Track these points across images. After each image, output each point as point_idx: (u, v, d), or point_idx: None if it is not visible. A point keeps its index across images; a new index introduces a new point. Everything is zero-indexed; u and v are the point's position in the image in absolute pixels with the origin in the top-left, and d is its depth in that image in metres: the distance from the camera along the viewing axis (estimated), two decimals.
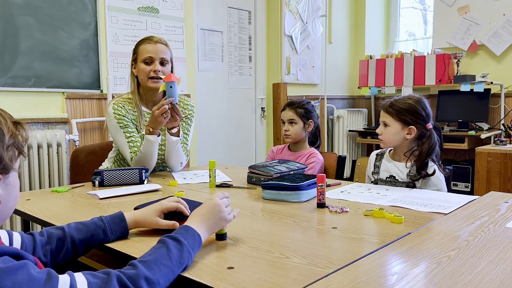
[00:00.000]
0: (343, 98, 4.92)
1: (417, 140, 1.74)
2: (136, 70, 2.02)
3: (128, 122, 2.00)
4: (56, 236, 1.00)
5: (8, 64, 2.47)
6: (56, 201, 1.56)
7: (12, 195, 0.83)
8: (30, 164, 2.50)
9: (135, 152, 1.96)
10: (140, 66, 1.99)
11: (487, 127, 3.93)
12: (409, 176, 1.72)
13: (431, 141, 1.70)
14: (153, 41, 2.00)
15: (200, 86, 3.60)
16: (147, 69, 1.97)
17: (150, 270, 0.80)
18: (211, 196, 1.08)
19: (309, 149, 2.21)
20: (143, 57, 1.98)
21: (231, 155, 3.92)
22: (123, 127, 1.98)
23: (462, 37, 4.10)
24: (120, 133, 1.98)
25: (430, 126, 1.72)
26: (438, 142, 1.74)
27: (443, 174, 1.70)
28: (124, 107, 2.00)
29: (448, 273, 0.85)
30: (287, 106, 2.23)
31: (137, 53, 2.01)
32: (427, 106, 1.74)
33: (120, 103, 2.01)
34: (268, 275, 0.86)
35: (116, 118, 1.98)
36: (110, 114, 2.00)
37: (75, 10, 2.73)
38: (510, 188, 2.95)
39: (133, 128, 2.01)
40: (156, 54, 1.98)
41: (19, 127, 0.82)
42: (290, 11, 4.11)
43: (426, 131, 1.72)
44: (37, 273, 0.70)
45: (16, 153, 0.81)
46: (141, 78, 2.01)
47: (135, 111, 2.03)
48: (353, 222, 1.24)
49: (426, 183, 1.70)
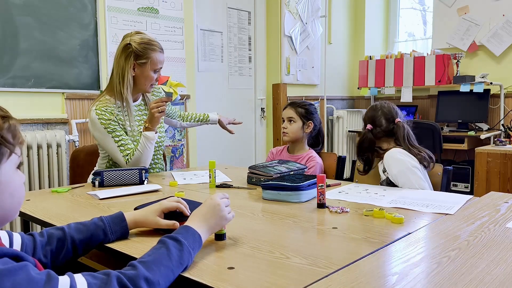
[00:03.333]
0: (343, 99, 4.92)
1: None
2: (139, 73, 1.97)
3: (115, 125, 1.95)
4: (56, 236, 1.00)
5: (7, 64, 2.47)
6: (56, 202, 1.55)
7: (4, 194, 0.79)
8: (30, 164, 2.50)
9: (128, 155, 1.94)
10: (148, 73, 1.97)
11: (487, 128, 3.93)
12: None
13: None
14: (162, 50, 2.01)
15: (199, 87, 3.60)
16: (154, 77, 2.00)
17: (150, 270, 0.80)
18: (211, 196, 1.07)
19: (308, 151, 2.20)
20: (156, 67, 1.98)
21: (231, 155, 3.92)
22: (110, 131, 1.93)
23: (462, 37, 4.11)
24: (108, 139, 1.93)
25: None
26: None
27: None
28: (106, 110, 1.94)
29: (448, 273, 0.85)
30: (289, 105, 2.24)
31: (149, 59, 1.95)
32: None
33: (102, 107, 1.94)
34: (268, 275, 0.86)
35: (102, 124, 1.92)
36: (94, 121, 1.93)
37: (75, 11, 2.73)
38: (510, 188, 2.95)
39: (121, 131, 1.96)
40: (162, 65, 2.03)
41: (5, 121, 0.78)
42: (289, 12, 4.11)
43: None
44: (37, 274, 0.70)
45: (4, 149, 0.77)
46: (143, 83, 1.99)
47: (118, 108, 1.96)
48: (353, 222, 1.24)
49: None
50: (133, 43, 1.94)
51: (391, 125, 1.86)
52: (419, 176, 1.73)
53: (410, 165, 1.74)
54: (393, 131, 1.85)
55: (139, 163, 1.95)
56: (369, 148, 1.87)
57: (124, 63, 1.95)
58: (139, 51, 1.94)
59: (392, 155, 1.78)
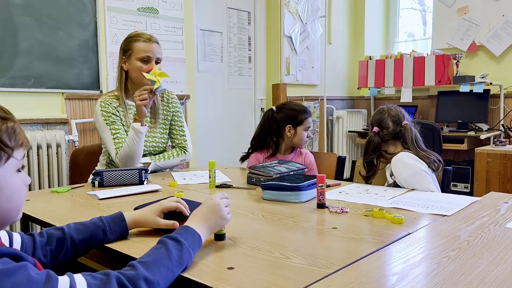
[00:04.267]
0: (343, 99, 4.92)
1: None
2: (128, 66, 2.02)
3: (115, 119, 2.00)
4: (56, 236, 1.00)
5: (7, 64, 2.47)
6: (56, 202, 1.55)
7: (2, 197, 0.79)
8: (30, 164, 2.50)
9: (119, 148, 1.95)
10: (135, 63, 2.00)
11: (487, 128, 3.93)
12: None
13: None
14: (149, 40, 2.01)
15: (199, 87, 3.60)
16: (144, 67, 1.99)
17: (149, 270, 0.80)
18: (211, 196, 1.07)
19: (294, 149, 2.21)
20: (140, 56, 1.99)
21: (230, 155, 3.91)
22: (109, 124, 1.98)
23: (462, 37, 4.11)
24: (106, 130, 1.98)
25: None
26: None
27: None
28: (111, 104, 2.01)
29: (448, 273, 0.85)
30: (308, 113, 2.21)
31: (132, 50, 2.00)
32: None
33: (107, 100, 2.01)
34: (268, 276, 0.86)
35: (103, 115, 1.98)
36: (97, 112, 2.00)
37: (75, 11, 2.73)
38: (509, 188, 2.95)
39: (120, 126, 2.00)
40: (153, 54, 2.01)
41: (4, 122, 0.77)
42: (289, 12, 4.11)
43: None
44: (37, 274, 0.70)
45: (1, 153, 0.76)
46: (135, 76, 2.01)
47: (122, 107, 2.03)
48: (353, 223, 1.24)
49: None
50: (123, 41, 2.05)
51: (398, 127, 1.83)
52: (429, 180, 1.70)
53: (419, 169, 1.71)
54: (400, 134, 1.82)
55: (128, 157, 1.93)
56: (374, 151, 1.83)
57: (118, 61, 2.06)
58: (125, 45, 2.04)
59: (400, 159, 1.75)
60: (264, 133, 2.16)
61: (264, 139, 2.16)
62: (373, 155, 1.84)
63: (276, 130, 2.15)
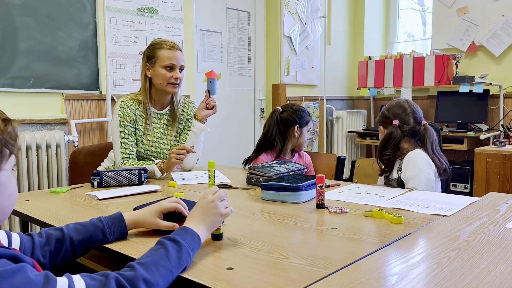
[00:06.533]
0: (342, 99, 4.92)
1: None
2: (153, 73, 2.05)
3: (129, 123, 2.03)
4: (55, 237, 1.00)
5: (6, 64, 2.47)
6: (55, 202, 1.55)
7: (4, 196, 0.81)
8: (29, 165, 2.49)
9: (125, 159, 2.00)
10: (160, 71, 2.03)
11: (486, 128, 3.93)
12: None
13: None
14: (172, 47, 2.05)
15: (199, 87, 3.60)
16: (168, 75, 2.03)
17: (148, 271, 0.80)
18: (204, 194, 1.06)
19: (295, 152, 2.23)
20: (165, 64, 2.02)
21: (230, 156, 3.91)
22: (122, 126, 2.02)
23: (461, 38, 4.11)
24: (117, 131, 2.03)
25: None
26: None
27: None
28: (130, 106, 2.04)
29: (448, 273, 0.85)
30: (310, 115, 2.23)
31: (157, 57, 2.03)
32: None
33: (128, 101, 2.06)
34: (267, 276, 0.86)
35: (120, 115, 2.03)
36: (116, 110, 2.05)
37: (74, 11, 2.73)
38: (509, 189, 2.95)
39: (131, 131, 2.04)
40: (177, 62, 2.05)
41: (8, 124, 0.79)
42: (289, 12, 4.11)
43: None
44: (35, 276, 0.70)
45: (5, 151, 0.78)
46: (159, 82, 2.04)
47: (142, 111, 2.06)
48: (352, 223, 1.24)
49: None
50: (146, 48, 2.09)
51: (418, 126, 1.80)
52: (429, 190, 1.70)
53: (427, 176, 1.71)
54: (418, 132, 1.79)
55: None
56: (395, 146, 1.78)
57: (141, 68, 2.09)
58: (149, 52, 2.06)
59: (415, 157, 1.73)
60: (272, 133, 2.15)
61: (271, 140, 2.15)
62: (392, 150, 1.77)
63: (284, 130, 2.14)
